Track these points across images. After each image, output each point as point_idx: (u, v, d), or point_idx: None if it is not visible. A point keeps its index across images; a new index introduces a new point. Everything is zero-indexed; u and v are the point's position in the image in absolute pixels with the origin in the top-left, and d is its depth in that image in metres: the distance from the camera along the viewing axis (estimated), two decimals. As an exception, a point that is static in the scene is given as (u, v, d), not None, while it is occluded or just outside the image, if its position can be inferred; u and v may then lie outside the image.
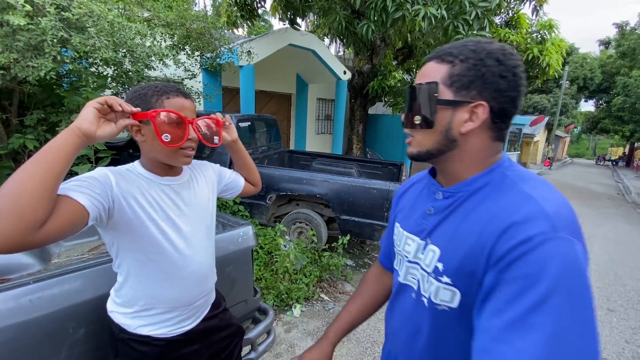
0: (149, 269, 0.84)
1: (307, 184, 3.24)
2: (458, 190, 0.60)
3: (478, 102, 0.55)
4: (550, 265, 0.44)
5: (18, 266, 1.85)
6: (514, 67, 0.55)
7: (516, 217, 0.49)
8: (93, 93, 2.32)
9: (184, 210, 0.89)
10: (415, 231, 0.66)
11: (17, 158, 2.70)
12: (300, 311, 2.48)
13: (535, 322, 0.43)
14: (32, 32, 1.94)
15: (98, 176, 0.73)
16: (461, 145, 0.58)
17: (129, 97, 0.80)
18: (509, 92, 0.55)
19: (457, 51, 0.57)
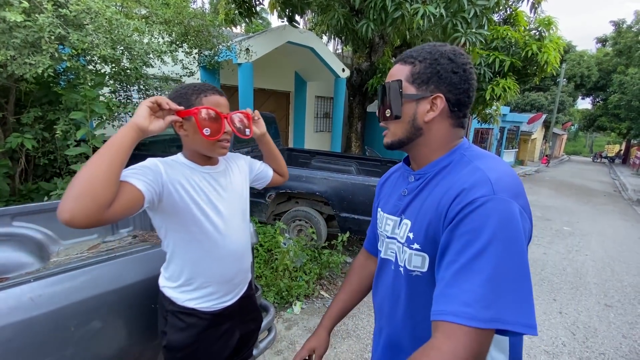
0: (192, 247, 0.94)
1: (307, 181, 3.24)
2: (426, 172, 0.70)
3: (436, 94, 0.65)
4: (489, 220, 0.53)
5: (17, 265, 1.84)
6: (464, 64, 0.65)
7: (465, 185, 0.58)
8: (91, 91, 2.30)
9: (223, 195, 0.99)
10: (393, 211, 0.75)
11: (15, 157, 2.68)
12: (300, 308, 2.48)
13: (477, 267, 0.52)
14: (29, 29, 1.92)
15: (150, 165, 0.84)
16: (426, 132, 0.69)
17: (171, 97, 0.90)
18: (462, 85, 0.65)
19: (417, 54, 0.68)
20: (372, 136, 8.58)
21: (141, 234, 2.38)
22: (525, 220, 0.56)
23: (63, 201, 0.65)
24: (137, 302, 1.16)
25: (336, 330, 2.28)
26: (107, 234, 2.27)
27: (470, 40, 3.81)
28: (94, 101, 2.31)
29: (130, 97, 3.28)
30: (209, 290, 0.98)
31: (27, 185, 2.78)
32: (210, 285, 0.98)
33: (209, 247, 0.95)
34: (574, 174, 15.58)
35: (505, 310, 0.50)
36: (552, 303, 3.02)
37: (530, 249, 4.45)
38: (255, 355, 1.47)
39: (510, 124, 15.73)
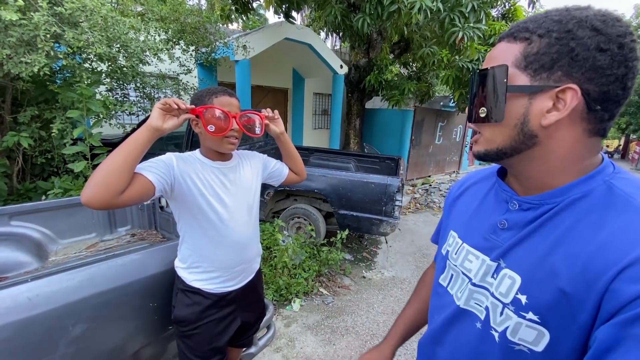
0: (198, 233, 1.05)
1: (305, 179, 3.23)
2: (543, 202, 0.48)
3: (565, 85, 0.43)
4: None
5: (16, 264, 1.84)
6: (620, 35, 0.42)
7: None
8: (87, 89, 2.29)
9: (230, 188, 1.07)
10: (482, 247, 0.55)
11: (12, 156, 2.67)
12: (299, 305, 2.49)
13: None
14: (24, 28, 1.91)
15: (165, 159, 0.95)
16: (544, 141, 0.46)
17: (192, 99, 1.03)
18: (613, 69, 0.42)
19: (536, 25, 0.46)
20: (371, 133, 8.58)
21: (139, 233, 2.37)
22: None
23: (85, 187, 0.79)
24: (136, 301, 1.16)
25: (335, 327, 2.29)
26: (105, 232, 2.27)
27: (468, 35, 3.80)
28: (90, 99, 2.30)
29: (127, 95, 3.26)
30: (213, 274, 1.09)
31: (25, 184, 2.77)
32: (213, 269, 1.08)
33: (213, 235, 1.05)
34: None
35: None
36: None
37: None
38: (254, 352, 1.48)
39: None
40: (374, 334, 2.23)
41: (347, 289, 2.84)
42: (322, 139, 9.00)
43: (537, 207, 0.49)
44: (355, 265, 3.30)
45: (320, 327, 2.28)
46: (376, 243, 3.88)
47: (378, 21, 3.99)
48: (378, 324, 2.34)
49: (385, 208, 2.96)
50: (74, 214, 2.09)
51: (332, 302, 2.59)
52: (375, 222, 3.01)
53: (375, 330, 2.27)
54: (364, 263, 3.35)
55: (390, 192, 2.92)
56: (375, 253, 3.61)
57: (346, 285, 2.89)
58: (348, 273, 3.10)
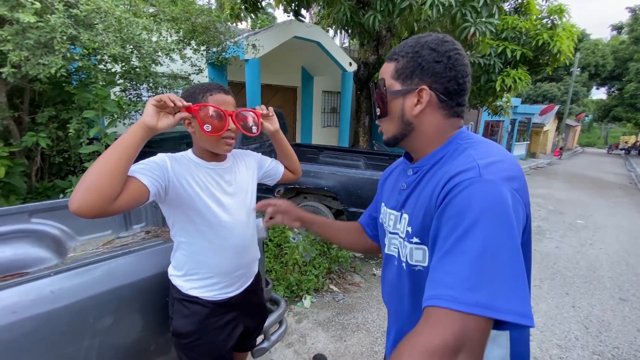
0: (196, 238, 0.99)
1: (315, 177, 3.24)
2: (422, 165, 0.69)
3: (420, 87, 0.64)
4: (472, 201, 0.52)
5: (36, 260, 1.90)
6: (447, 51, 0.63)
7: (453, 172, 0.58)
8: (102, 90, 2.34)
9: (227, 190, 1.03)
10: (394, 206, 0.75)
11: (30, 155, 2.75)
12: (310, 302, 2.51)
13: (461, 248, 0.50)
14: (41, 30, 1.96)
15: (158, 160, 0.90)
16: (417, 126, 0.68)
17: (182, 96, 0.94)
18: (447, 73, 0.63)
19: (399, 49, 0.68)
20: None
21: (154, 230, 2.42)
22: (518, 203, 0.53)
23: (74, 193, 0.72)
24: (150, 295, 1.19)
25: (346, 323, 2.30)
26: (120, 229, 2.32)
27: (480, 30, 3.74)
28: (105, 100, 2.35)
29: (140, 95, 3.32)
30: (211, 280, 1.03)
31: (43, 183, 2.85)
32: (212, 276, 1.03)
33: (211, 238, 1.00)
34: (588, 166, 15.22)
35: (494, 296, 0.45)
36: (565, 297, 2.98)
37: (542, 243, 4.39)
38: (267, 347, 1.50)
39: (521, 115, 15.42)
40: (385, 330, 2.22)
41: (358, 286, 2.84)
42: (331, 137, 8.99)
43: (420, 168, 0.69)
44: (365, 262, 3.30)
45: (331, 323, 2.29)
46: (386, 241, 3.86)
47: (389, 18, 3.95)
48: (389, 322, 2.33)
49: (396, 205, 2.95)
50: None
51: (342, 299, 2.59)
52: (385, 220, 3.00)
53: (386, 327, 2.27)
54: (374, 260, 3.35)
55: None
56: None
57: (356, 283, 2.89)
58: (358, 270, 3.10)
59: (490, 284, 0.46)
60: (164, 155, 0.93)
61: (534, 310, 2.72)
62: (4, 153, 2.27)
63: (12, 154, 2.44)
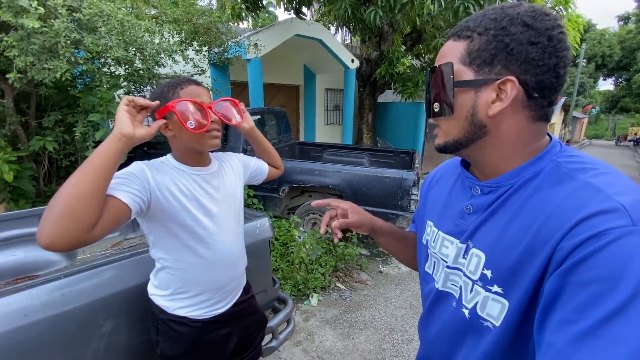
0: (183, 254, 0.90)
1: (319, 175, 3.24)
2: (500, 184, 0.53)
3: (505, 77, 0.48)
4: (631, 263, 0.36)
5: (47, 262, 1.92)
6: (548, 29, 0.46)
7: (583, 213, 0.41)
8: (107, 92, 2.36)
9: (215, 196, 0.94)
10: (454, 232, 0.59)
11: (38, 159, 2.79)
12: (317, 300, 2.51)
13: (614, 335, 0.35)
14: (46, 35, 1.98)
15: (136, 172, 0.79)
16: (493, 130, 0.51)
17: (150, 98, 0.85)
18: (545, 60, 0.46)
19: (475, 23, 0.50)
20: (383, 127, 8.49)
21: (160, 231, 2.43)
22: None
23: (42, 224, 0.59)
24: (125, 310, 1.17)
25: (353, 321, 2.30)
26: (128, 231, 2.34)
27: (484, 24, 3.69)
28: (110, 103, 2.37)
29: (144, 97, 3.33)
30: (201, 298, 0.94)
31: (51, 186, 2.88)
32: (201, 293, 0.94)
33: (201, 253, 0.91)
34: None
35: None
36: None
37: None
38: (275, 345, 1.51)
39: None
40: (393, 328, 2.23)
41: (365, 283, 2.84)
42: (335, 134, 8.97)
43: (496, 189, 0.53)
44: (372, 260, 3.30)
45: (339, 321, 2.29)
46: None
47: (390, 13, 3.93)
48: (396, 318, 2.33)
49: (401, 202, 2.94)
50: None
51: (349, 297, 2.60)
52: (391, 217, 2.99)
53: (394, 324, 2.27)
54: (380, 258, 3.34)
55: (406, 187, 2.89)
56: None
57: (363, 280, 2.89)
58: (365, 268, 3.10)
59: None
60: (142, 164, 0.83)
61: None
62: (12, 158, 2.30)
63: (20, 158, 2.48)
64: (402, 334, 2.16)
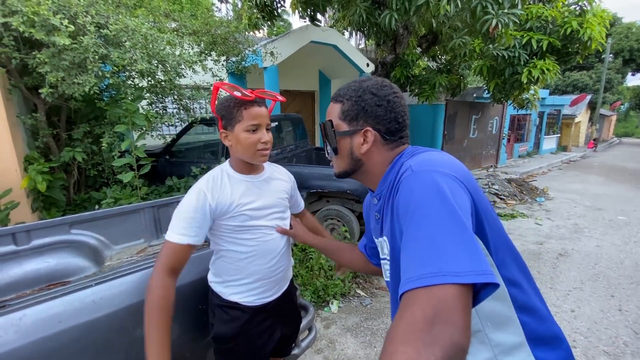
0: (237, 246, 1.04)
1: (337, 180, 3.23)
2: (381, 190, 0.74)
3: (365, 128, 0.72)
4: (412, 193, 0.56)
5: (76, 269, 1.99)
6: (387, 95, 0.72)
7: (398, 178, 0.64)
8: (132, 104, 2.45)
9: (266, 198, 1.08)
10: (378, 234, 0.80)
11: (68, 169, 2.92)
12: (337, 307, 2.49)
13: (411, 237, 0.53)
14: (75, 51, 2.08)
15: (197, 204, 0.95)
16: (366, 161, 0.75)
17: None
18: (387, 115, 0.72)
19: (344, 92, 0.76)
20: (401, 130, 8.38)
21: (183, 237, 2.47)
22: (454, 182, 0.56)
23: None
24: (186, 302, 1.21)
25: (375, 328, 2.26)
26: (152, 238, 2.40)
27: (503, 22, 3.60)
28: (134, 114, 2.45)
29: (165, 107, 3.44)
30: (251, 285, 1.07)
31: (80, 195, 3.00)
32: (252, 281, 1.07)
33: (252, 245, 1.04)
34: (627, 157, 14.26)
35: (447, 264, 0.47)
36: (610, 300, 2.78)
37: (581, 242, 4.14)
38: (297, 353, 1.49)
39: (550, 107, 14.69)
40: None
41: (385, 290, 2.79)
42: (351, 139, 8.93)
43: (380, 194, 0.75)
44: (392, 266, 3.24)
45: (360, 328, 2.26)
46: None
47: (405, 16, 3.90)
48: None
49: (422, 207, 2.88)
50: (125, 221, 2.22)
51: (370, 304, 2.55)
52: (411, 222, 2.94)
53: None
54: (400, 264, 3.28)
55: None
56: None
57: (383, 287, 2.84)
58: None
59: (441, 255, 0.48)
60: (203, 187, 0.97)
61: (576, 313, 2.56)
62: (45, 169, 2.41)
63: (52, 169, 2.60)
64: (426, 343, 2.10)
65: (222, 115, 0.99)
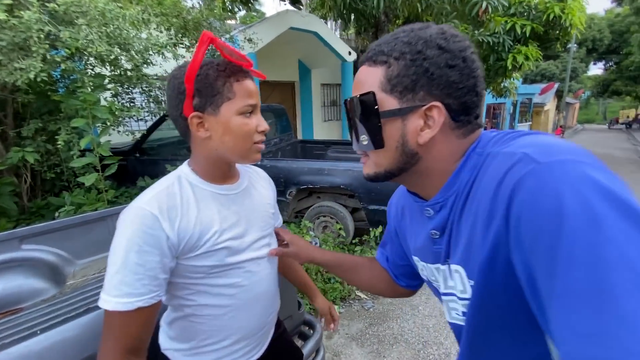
0: (215, 300, 0.70)
1: (329, 174, 3.01)
2: (445, 198, 0.51)
3: (430, 103, 0.46)
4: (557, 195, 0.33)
5: (31, 292, 1.68)
6: (462, 49, 0.46)
7: (499, 178, 0.41)
8: (91, 95, 2.09)
9: (249, 221, 0.74)
10: (435, 260, 0.56)
11: (19, 172, 2.53)
12: (338, 313, 2.29)
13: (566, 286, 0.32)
14: (15, 30, 1.71)
15: (143, 233, 0.58)
16: (425, 155, 0.50)
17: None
18: (464, 81, 0.46)
19: (389, 47, 0.48)
20: (383, 121, 8.28)
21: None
22: (614, 177, 0.35)
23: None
24: None
25: (381, 335, 2.08)
26: (124, 249, 2.11)
27: (492, 5, 3.49)
28: (94, 106, 2.10)
29: (133, 99, 3.07)
30: (233, 348, 0.74)
31: (36, 202, 2.62)
32: (234, 342, 0.74)
33: (235, 293, 0.71)
34: (593, 142, 15.00)
35: None
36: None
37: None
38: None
39: (522, 96, 15.16)
40: (426, 341, 2.01)
41: (385, 290, 2.63)
42: (333, 131, 8.74)
43: (445, 203, 0.51)
44: (389, 262, 3.08)
45: (365, 336, 2.07)
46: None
47: (393, -2, 3.69)
48: (428, 329, 2.12)
49: (420, 200, 2.73)
50: (90, 230, 1.93)
51: (372, 307, 2.38)
52: (409, 216, 2.78)
53: (427, 336, 2.05)
54: (397, 260, 3.13)
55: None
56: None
57: (383, 286, 2.67)
58: (383, 272, 2.88)
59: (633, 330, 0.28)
60: (146, 209, 0.60)
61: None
62: (-13, 173, 2.03)
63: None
64: (437, 348, 1.95)
65: (197, 90, 0.62)
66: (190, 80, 0.61)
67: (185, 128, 0.67)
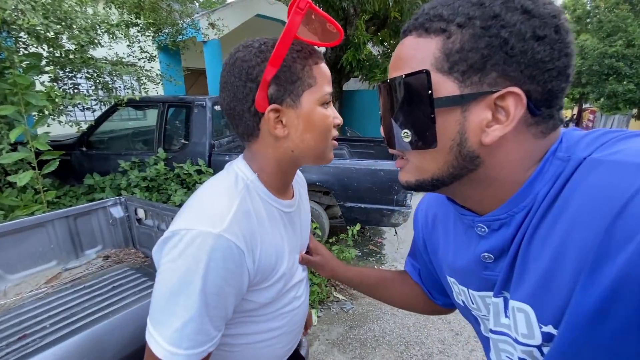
0: (261, 326, 0.59)
1: (304, 170, 2.86)
2: (511, 213, 0.38)
3: (505, 89, 0.33)
4: None
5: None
6: (555, 15, 0.33)
7: (616, 205, 0.28)
8: (23, 77, 1.75)
9: (300, 239, 0.65)
10: (484, 287, 0.45)
11: None
12: (317, 317, 2.18)
13: None
14: None
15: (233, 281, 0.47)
16: (487, 159, 0.37)
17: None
18: (554, 61, 0.33)
19: (450, 10, 0.35)
20: (351, 116, 8.27)
21: (114, 253, 1.95)
22: None
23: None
24: None
25: (362, 338, 2.00)
26: (69, 258, 1.83)
27: None
28: (27, 90, 1.76)
29: (77, 84, 2.68)
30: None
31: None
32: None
33: (280, 319, 0.61)
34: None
35: None
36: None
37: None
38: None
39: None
40: (408, 341, 1.97)
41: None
42: (300, 125, 8.58)
43: (509, 221, 0.39)
44: (364, 260, 3.03)
45: (346, 340, 1.98)
46: (380, 233, 3.62)
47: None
48: (409, 329, 2.08)
49: (397, 197, 2.68)
50: (24, 239, 1.65)
51: (351, 308, 2.29)
52: (386, 213, 2.73)
53: (408, 337, 2.01)
54: (373, 257, 3.08)
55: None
56: (381, 245, 3.35)
57: (360, 285, 2.60)
58: (359, 270, 2.81)
59: None
60: (234, 248, 0.46)
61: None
62: None
63: None
64: (419, 348, 1.91)
65: (274, 77, 0.49)
66: (276, 63, 0.48)
67: (254, 125, 0.52)
